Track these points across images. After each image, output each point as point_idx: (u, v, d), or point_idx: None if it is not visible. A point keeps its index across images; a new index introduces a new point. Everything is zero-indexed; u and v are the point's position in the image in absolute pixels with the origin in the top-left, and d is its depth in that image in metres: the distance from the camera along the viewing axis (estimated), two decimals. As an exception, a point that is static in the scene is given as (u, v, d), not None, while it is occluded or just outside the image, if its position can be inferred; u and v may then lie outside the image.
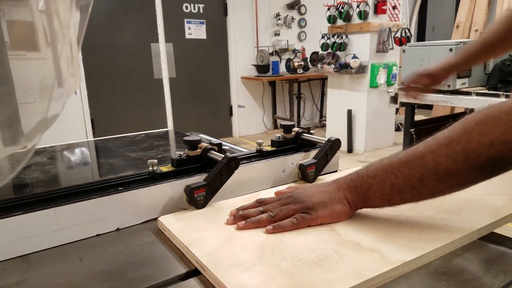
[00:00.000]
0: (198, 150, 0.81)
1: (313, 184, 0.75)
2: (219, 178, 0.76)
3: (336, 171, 0.99)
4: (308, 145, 0.95)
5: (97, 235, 0.68)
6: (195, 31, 5.10)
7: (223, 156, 0.77)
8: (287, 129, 0.96)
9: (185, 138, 0.82)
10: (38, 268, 0.58)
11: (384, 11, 4.15)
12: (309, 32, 5.80)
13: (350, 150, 4.68)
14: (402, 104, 3.29)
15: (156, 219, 0.72)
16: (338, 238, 0.60)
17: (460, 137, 0.55)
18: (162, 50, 4.08)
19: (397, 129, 5.30)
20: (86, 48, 4.51)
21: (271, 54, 5.50)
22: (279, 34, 5.61)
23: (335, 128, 4.79)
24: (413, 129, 3.28)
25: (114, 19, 4.68)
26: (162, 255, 0.61)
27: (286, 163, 0.90)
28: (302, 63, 5.42)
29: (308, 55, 5.45)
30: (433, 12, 6.54)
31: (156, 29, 4.24)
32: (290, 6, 5.67)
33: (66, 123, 4.42)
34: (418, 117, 6.42)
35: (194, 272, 0.56)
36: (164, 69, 3.84)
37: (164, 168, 0.79)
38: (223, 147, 0.84)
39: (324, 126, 5.63)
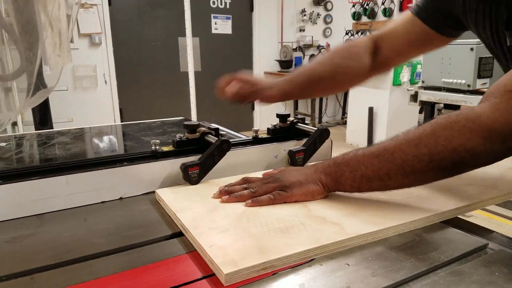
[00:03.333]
0: (197, 133, 0.90)
1: (294, 168, 0.82)
2: (212, 158, 0.84)
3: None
4: (301, 134, 1.02)
5: (102, 202, 0.78)
6: (221, 26, 5.20)
7: (218, 139, 0.86)
8: (283, 118, 1.03)
9: (185, 122, 0.91)
10: (49, 224, 0.68)
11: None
12: (335, 29, 5.79)
13: (370, 148, 4.67)
14: (423, 102, 3.27)
15: (154, 191, 0.82)
16: (308, 212, 0.68)
17: (428, 140, 0.61)
18: (189, 44, 4.22)
19: (421, 128, 5.22)
20: (117, 41, 4.71)
21: (295, 49, 5.54)
22: (304, 30, 5.64)
23: (356, 126, 4.79)
24: (432, 128, 3.25)
25: (143, 14, 4.86)
26: (155, 220, 0.70)
27: (279, 150, 0.98)
28: (326, 59, 5.42)
29: (332, 51, 5.44)
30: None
31: (184, 24, 4.38)
32: (316, 2, 5.68)
33: (97, 111, 4.66)
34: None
35: (178, 234, 0.65)
36: (190, 62, 3.97)
37: (166, 148, 0.88)
38: (221, 132, 0.93)
39: (346, 123, 5.62)
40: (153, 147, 0.87)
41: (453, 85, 2.93)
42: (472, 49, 2.75)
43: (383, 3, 4.11)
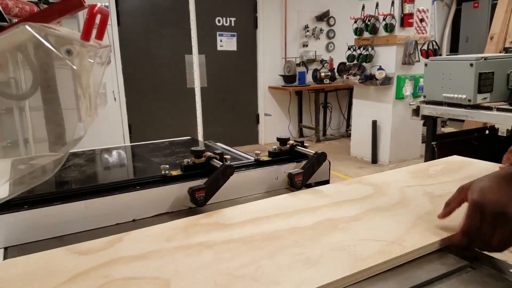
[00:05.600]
0: (203, 158, 0.97)
1: (493, 186, 0.63)
2: (217, 182, 0.92)
3: (328, 180, 1.12)
4: (301, 157, 1.09)
5: (116, 224, 0.85)
6: (226, 43, 5.33)
7: (222, 164, 0.93)
8: (283, 142, 1.10)
9: (192, 148, 0.98)
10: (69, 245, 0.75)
11: (410, 24, 4.19)
12: (338, 43, 5.90)
13: (374, 161, 4.71)
14: (424, 117, 3.32)
15: (166, 213, 0.89)
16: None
17: None
18: (195, 61, 4.33)
19: (424, 141, 5.26)
20: (126, 59, 4.85)
21: (298, 65, 5.64)
22: (307, 45, 5.75)
23: (360, 139, 4.85)
24: (434, 142, 3.30)
25: (151, 33, 5.00)
26: (165, 241, 0.77)
27: (280, 172, 1.05)
28: (329, 73, 5.51)
29: (335, 65, 5.54)
30: (467, 23, 6.44)
31: (190, 42, 4.48)
32: (319, 18, 5.80)
33: (108, 127, 4.77)
34: (449, 129, 6.30)
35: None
36: (197, 79, 4.09)
37: (174, 172, 0.96)
38: (225, 156, 1.00)
39: (350, 135, 5.68)
40: (162, 172, 0.95)
41: (454, 99, 2.98)
42: (471, 64, 2.80)
43: (384, 19, 4.21)
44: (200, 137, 4.10)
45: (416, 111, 3.38)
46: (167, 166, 0.95)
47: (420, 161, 4.91)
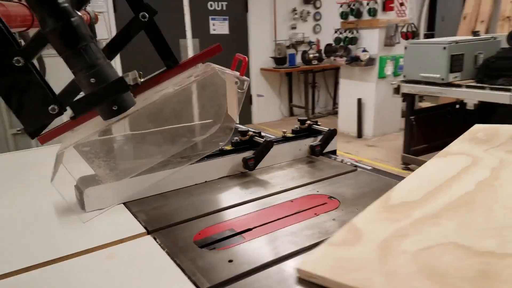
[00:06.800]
0: (247, 136, 1.34)
1: None
2: (261, 153, 1.28)
3: (335, 150, 1.50)
4: (316, 133, 1.46)
5: (195, 184, 1.21)
6: (219, 27, 5.58)
7: (264, 140, 1.30)
8: (302, 122, 1.47)
9: (239, 129, 1.34)
10: (170, 200, 1.11)
11: (391, 8, 4.55)
12: (324, 25, 6.22)
13: (359, 135, 5.15)
14: (404, 95, 3.73)
15: (226, 176, 1.25)
16: None
17: None
18: (190, 45, 4.60)
19: (404, 115, 5.72)
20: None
21: (288, 47, 5.95)
22: (295, 28, 6.05)
23: (346, 116, 5.26)
24: (413, 117, 3.74)
25: (146, 18, 5.20)
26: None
27: (301, 145, 1.42)
28: (317, 54, 5.85)
29: (322, 46, 5.88)
30: (442, 3, 6.84)
31: (184, 26, 4.73)
32: (306, 1, 6.08)
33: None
34: (425, 104, 6.79)
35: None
36: (193, 63, 4.37)
37: (228, 147, 1.32)
38: (262, 134, 1.36)
39: (336, 113, 6.08)
40: (220, 147, 1.31)
41: (429, 79, 3.39)
42: (444, 47, 3.20)
43: (367, 4, 4.55)
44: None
45: (397, 90, 3.79)
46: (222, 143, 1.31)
47: (399, 134, 5.36)
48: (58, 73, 2.15)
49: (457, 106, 3.23)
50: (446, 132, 4.00)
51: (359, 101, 5.02)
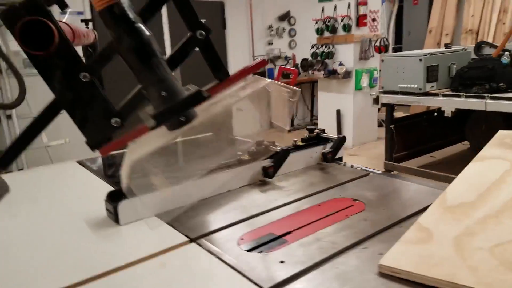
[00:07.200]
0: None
1: None
2: (280, 162, 1.33)
3: (342, 157, 1.57)
4: (324, 140, 1.53)
5: (218, 194, 1.24)
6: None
7: (281, 149, 1.35)
8: (311, 131, 1.53)
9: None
10: (200, 210, 1.13)
11: (365, 24, 4.78)
12: (299, 40, 6.41)
13: (340, 145, 5.30)
14: (383, 105, 3.91)
15: (247, 185, 1.29)
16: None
17: None
18: (170, 63, 4.57)
19: (380, 125, 5.95)
20: (105, 68, 5.01)
21: (267, 62, 6.09)
22: (272, 44, 6.21)
23: (326, 127, 5.35)
24: (392, 125, 3.91)
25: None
26: (261, 200, 1.18)
27: (312, 152, 1.48)
28: (294, 69, 6.02)
29: (298, 61, 6.05)
30: (408, 18, 7.24)
31: (164, 44, 4.74)
32: (281, 18, 6.27)
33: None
34: (397, 113, 7.09)
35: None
36: (174, 80, 4.39)
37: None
38: (276, 145, 1.42)
39: (315, 124, 6.23)
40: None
41: (407, 89, 3.57)
42: (421, 59, 3.39)
43: (342, 20, 4.76)
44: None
45: (376, 100, 3.96)
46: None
47: (377, 143, 5.57)
48: (36, 92, 2.15)
49: (435, 114, 3.41)
50: (424, 138, 4.22)
51: (338, 112, 5.18)
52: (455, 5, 6.03)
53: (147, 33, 0.67)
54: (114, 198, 1.05)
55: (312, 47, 5.17)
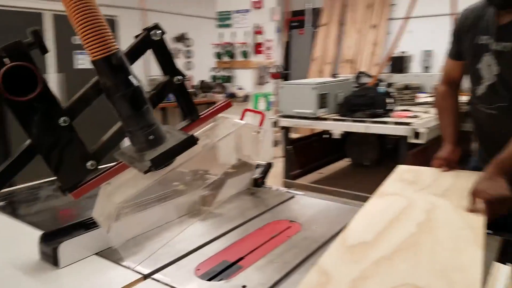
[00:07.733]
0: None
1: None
2: (217, 190, 1.40)
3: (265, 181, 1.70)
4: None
5: (166, 222, 1.24)
6: (84, 61, 5.35)
7: (218, 177, 1.42)
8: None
9: (324, 135, 1.43)
10: (143, 241, 1.13)
11: (261, 52, 5.13)
12: (196, 62, 6.52)
13: (240, 165, 5.51)
14: (282, 127, 4.23)
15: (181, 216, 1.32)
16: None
17: None
18: (53, 81, 4.28)
19: (275, 144, 6.37)
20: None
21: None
22: (169, 65, 6.18)
23: (225, 147, 5.56)
24: (290, 146, 4.26)
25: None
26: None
27: (245, 178, 1.58)
28: (192, 90, 6.08)
29: (195, 82, 6.15)
30: (295, 47, 7.98)
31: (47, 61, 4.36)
32: (178, 39, 6.31)
33: None
34: (292, 134, 7.57)
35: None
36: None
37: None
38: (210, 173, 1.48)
39: (214, 145, 6.34)
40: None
41: (302, 114, 3.93)
42: (313, 88, 3.80)
43: (241, 47, 5.04)
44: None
45: (275, 123, 4.27)
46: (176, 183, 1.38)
47: (274, 161, 5.93)
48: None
49: (326, 135, 3.84)
50: (316, 157, 4.70)
51: (237, 133, 5.40)
52: (335, 37, 6.90)
53: (138, 81, 0.70)
54: (51, 239, 1.00)
55: (212, 70, 5.32)
